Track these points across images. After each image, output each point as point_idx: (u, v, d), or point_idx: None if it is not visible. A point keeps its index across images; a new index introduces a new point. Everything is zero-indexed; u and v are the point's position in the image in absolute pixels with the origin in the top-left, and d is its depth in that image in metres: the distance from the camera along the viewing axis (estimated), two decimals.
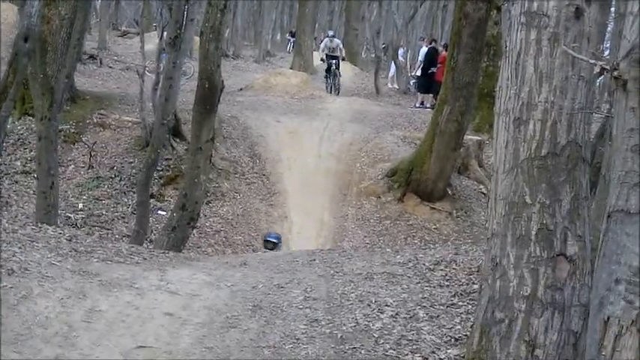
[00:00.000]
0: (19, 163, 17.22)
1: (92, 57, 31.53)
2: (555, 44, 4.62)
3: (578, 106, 4.64)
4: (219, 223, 16.79)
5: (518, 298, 4.72)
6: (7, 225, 8.25)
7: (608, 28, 15.10)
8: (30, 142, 17.35)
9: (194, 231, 14.40)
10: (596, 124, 10.89)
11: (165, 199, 17.06)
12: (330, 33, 29.18)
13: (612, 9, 13.08)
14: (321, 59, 27.80)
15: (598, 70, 4.05)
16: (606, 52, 15.21)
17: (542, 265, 4.64)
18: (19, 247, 7.37)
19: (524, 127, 4.66)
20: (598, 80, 17.55)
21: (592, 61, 4.14)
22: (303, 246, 15.69)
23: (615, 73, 3.86)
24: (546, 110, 4.60)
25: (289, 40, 49.43)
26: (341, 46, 28.28)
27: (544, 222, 4.63)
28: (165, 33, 16.90)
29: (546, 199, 4.62)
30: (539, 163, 4.63)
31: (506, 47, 4.83)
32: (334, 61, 27.66)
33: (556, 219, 4.62)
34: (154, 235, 14.91)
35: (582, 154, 4.72)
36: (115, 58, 34.23)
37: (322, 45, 28.75)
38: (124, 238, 14.92)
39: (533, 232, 4.64)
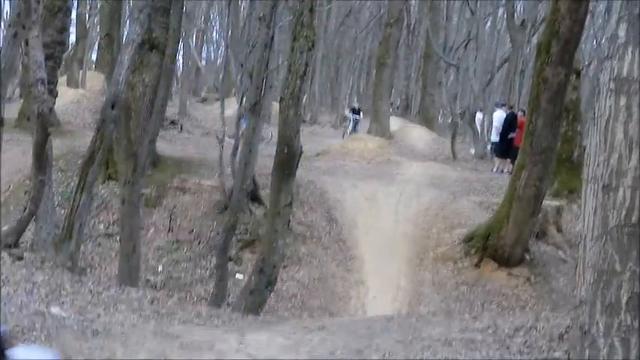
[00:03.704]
0: (102, 226, 17.55)
1: (173, 122, 32.17)
2: None
3: None
4: (296, 287, 16.80)
5: None
6: (92, 287, 8.40)
7: None
8: (113, 206, 17.69)
9: (271, 295, 14.43)
10: None
11: (243, 262, 17.16)
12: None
13: None
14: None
15: None
16: None
17: (634, 335, 4.50)
18: (104, 309, 7.50)
19: (614, 194, 4.56)
20: None
21: None
22: (379, 311, 15.60)
23: None
24: (637, 177, 4.50)
25: (349, 118, 39.40)
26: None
27: (635, 290, 4.50)
28: (244, 99, 17.17)
29: (637, 267, 4.50)
30: (630, 230, 4.51)
31: (594, 114, 4.76)
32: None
33: None
34: (232, 298, 14.98)
35: None
36: (195, 123, 34.84)
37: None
38: (202, 301, 15.03)
39: (624, 301, 4.51)
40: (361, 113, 38.34)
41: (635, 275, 4.50)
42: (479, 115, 32.76)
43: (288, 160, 12.67)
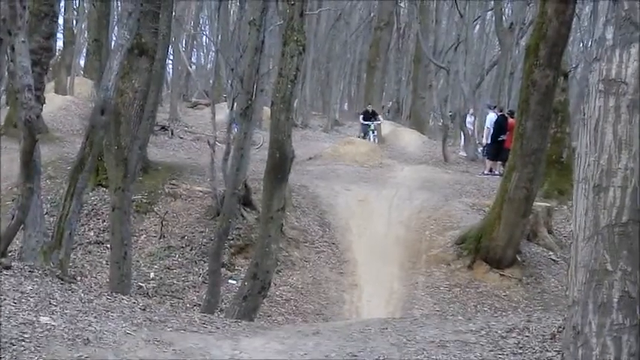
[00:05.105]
0: (92, 234, 17.51)
1: (164, 128, 32.09)
2: (634, 111, 4.56)
3: None
4: (290, 292, 16.78)
5: None
6: (82, 295, 8.34)
7: None
8: (103, 213, 17.66)
9: (265, 300, 14.40)
10: None
11: (236, 268, 17.14)
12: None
13: None
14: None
15: None
16: None
17: (626, 333, 4.53)
18: (95, 317, 7.45)
19: (604, 194, 4.59)
20: None
21: None
22: (373, 314, 15.58)
23: None
24: (626, 177, 4.54)
25: (369, 125, 34.86)
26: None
27: (626, 289, 4.53)
28: (235, 103, 17.15)
29: (628, 266, 4.53)
30: (620, 230, 4.54)
31: (584, 115, 4.80)
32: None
33: (638, 286, 4.53)
34: (225, 304, 14.95)
35: None
36: (186, 128, 34.82)
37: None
38: (195, 308, 14.99)
39: (615, 300, 4.54)
40: (380, 117, 35.50)
41: (626, 274, 4.53)
42: (469, 118, 32.81)
43: (280, 164, 12.64)
